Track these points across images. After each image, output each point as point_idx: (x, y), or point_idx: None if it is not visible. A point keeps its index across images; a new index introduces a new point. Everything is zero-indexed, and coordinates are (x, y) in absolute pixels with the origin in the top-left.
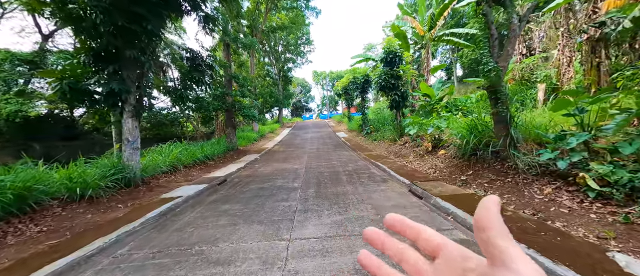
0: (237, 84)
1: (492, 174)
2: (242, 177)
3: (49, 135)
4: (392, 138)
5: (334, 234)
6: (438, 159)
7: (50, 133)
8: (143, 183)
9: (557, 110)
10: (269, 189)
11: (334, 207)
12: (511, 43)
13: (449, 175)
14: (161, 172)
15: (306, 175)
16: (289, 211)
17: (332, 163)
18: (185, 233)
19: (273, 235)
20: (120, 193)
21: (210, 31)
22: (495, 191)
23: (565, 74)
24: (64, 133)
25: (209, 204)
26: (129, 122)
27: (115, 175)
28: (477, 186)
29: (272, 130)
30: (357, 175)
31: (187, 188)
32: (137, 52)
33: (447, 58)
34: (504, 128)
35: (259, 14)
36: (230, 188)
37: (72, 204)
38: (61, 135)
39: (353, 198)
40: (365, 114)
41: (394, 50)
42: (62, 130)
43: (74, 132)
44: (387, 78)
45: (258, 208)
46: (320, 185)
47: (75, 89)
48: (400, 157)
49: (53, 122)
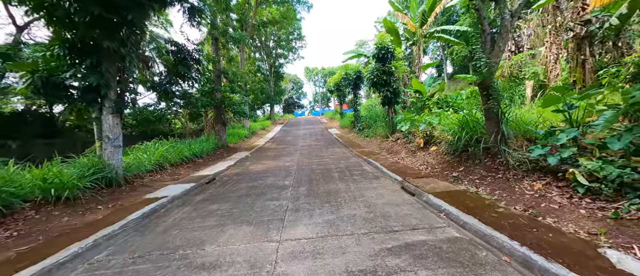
0: (227, 80)
1: (483, 170)
2: (231, 176)
3: (27, 133)
4: (384, 135)
5: (325, 234)
6: (430, 156)
7: (28, 130)
8: (126, 182)
9: (547, 106)
10: (259, 188)
11: (326, 205)
12: (503, 39)
13: (441, 172)
14: (146, 170)
15: (298, 173)
16: (279, 211)
17: (324, 160)
18: (170, 235)
19: (262, 236)
20: (101, 194)
21: (197, 24)
22: (486, 187)
23: (552, 71)
24: (43, 131)
25: (196, 204)
26: (109, 119)
27: (94, 175)
28: (469, 182)
29: (263, 127)
30: (349, 172)
31: (173, 188)
32: (117, 44)
33: (437, 55)
34: (495, 124)
35: (249, 8)
36: (219, 187)
37: (47, 206)
38: (40, 133)
39: (345, 196)
40: (357, 111)
41: (386, 46)
42: (41, 127)
43: (53, 130)
44: (379, 75)
45: (247, 207)
46: (312, 183)
47: (49, 83)
48: (392, 153)
49: (31, 119)
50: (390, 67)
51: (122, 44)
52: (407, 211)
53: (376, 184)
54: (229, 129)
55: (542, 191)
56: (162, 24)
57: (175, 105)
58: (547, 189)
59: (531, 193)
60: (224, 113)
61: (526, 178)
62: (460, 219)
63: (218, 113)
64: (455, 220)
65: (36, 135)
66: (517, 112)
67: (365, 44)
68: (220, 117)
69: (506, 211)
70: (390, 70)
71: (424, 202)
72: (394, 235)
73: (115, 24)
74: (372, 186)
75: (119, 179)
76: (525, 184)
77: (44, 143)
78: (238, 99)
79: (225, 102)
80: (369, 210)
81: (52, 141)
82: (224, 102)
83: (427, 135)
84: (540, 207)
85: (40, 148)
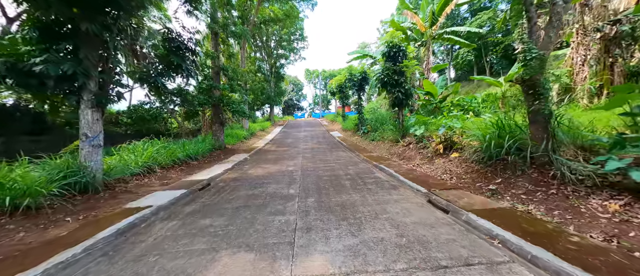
0: (227, 77)
1: (528, 183)
2: (228, 181)
3: (13, 129)
4: (394, 139)
5: (351, 270)
6: (451, 163)
7: (14, 126)
8: (106, 188)
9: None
10: (260, 197)
11: (343, 223)
12: (554, 28)
13: (471, 183)
14: (131, 174)
15: (303, 180)
16: (286, 230)
17: (330, 165)
18: (145, 263)
19: (267, 268)
20: (74, 202)
21: (193, 8)
22: (538, 205)
23: (578, 74)
24: (31, 127)
25: (185, 217)
26: (88, 114)
27: (67, 179)
28: (512, 197)
29: (263, 128)
30: (361, 180)
31: (161, 195)
32: (98, 27)
33: (440, 59)
34: (543, 129)
35: (251, 5)
36: (213, 195)
37: (1, 218)
38: (28, 129)
39: (364, 211)
40: (361, 113)
41: (397, 44)
42: (29, 124)
43: (42, 126)
44: (390, 74)
45: (246, 224)
46: (321, 193)
47: (15, 70)
48: (405, 159)
49: (20, 114)
50: (401, 66)
51: (105, 27)
52: (448, 235)
53: (396, 196)
54: (227, 129)
55: (621, 214)
56: (161, 20)
57: (170, 102)
58: (628, 211)
59: (606, 216)
60: (222, 112)
61: (593, 196)
62: (525, 251)
63: (216, 112)
64: (517, 251)
65: (23, 132)
66: (568, 115)
67: (367, 47)
68: (218, 117)
69: (583, 241)
70: (401, 70)
71: (464, 223)
72: (444, 274)
73: (96, 2)
74: (393, 198)
75: (97, 184)
76: (594, 203)
77: (30, 141)
78: (237, 98)
79: (223, 100)
80: (398, 233)
81: (39, 138)
82: (223, 100)
83: (446, 140)
84: (628, 236)
85: (25, 146)
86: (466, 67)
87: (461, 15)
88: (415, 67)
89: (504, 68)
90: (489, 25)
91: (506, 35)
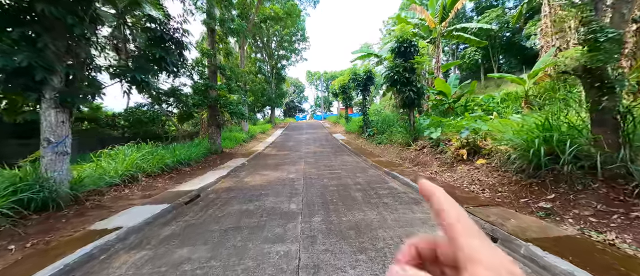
0: (224, 77)
1: (596, 202)
2: (220, 192)
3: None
4: (404, 142)
5: None
6: (478, 171)
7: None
8: (75, 203)
9: None
10: (255, 214)
11: (361, 257)
12: (628, 4)
13: (513, 198)
14: (110, 184)
15: (307, 191)
16: (286, 268)
17: (336, 172)
18: None
19: None
20: (30, 221)
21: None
22: (620, 232)
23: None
24: (19, 130)
25: (158, 246)
26: (50, 115)
27: (18, 194)
28: (577, 220)
29: (263, 131)
30: (374, 191)
31: (137, 212)
32: (61, 11)
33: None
34: (612, 132)
35: (251, 4)
36: (200, 211)
37: None
38: (16, 132)
39: (385, 237)
40: (366, 114)
41: (408, 38)
42: (21, 126)
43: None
44: (400, 71)
45: (235, 257)
46: (328, 209)
47: None
48: (419, 165)
49: None
50: (413, 63)
51: (70, 10)
52: None
53: (420, 213)
54: (225, 132)
55: None
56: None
57: (162, 102)
58: None
59: None
60: (219, 114)
61: None
62: None
63: (212, 113)
64: None
65: (12, 135)
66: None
67: (370, 47)
68: (214, 119)
69: None
70: (413, 67)
71: (525, 258)
72: None
73: None
74: (417, 217)
75: (61, 199)
76: None
77: (19, 144)
78: (236, 99)
79: (220, 101)
80: None
81: (28, 142)
82: (219, 101)
83: (468, 145)
84: None
85: (13, 149)
86: (473, 67)
87: (466, 15)
88: (428, 63)
89: (513, 68)
90: (497, 22)
91: (515, 34)
